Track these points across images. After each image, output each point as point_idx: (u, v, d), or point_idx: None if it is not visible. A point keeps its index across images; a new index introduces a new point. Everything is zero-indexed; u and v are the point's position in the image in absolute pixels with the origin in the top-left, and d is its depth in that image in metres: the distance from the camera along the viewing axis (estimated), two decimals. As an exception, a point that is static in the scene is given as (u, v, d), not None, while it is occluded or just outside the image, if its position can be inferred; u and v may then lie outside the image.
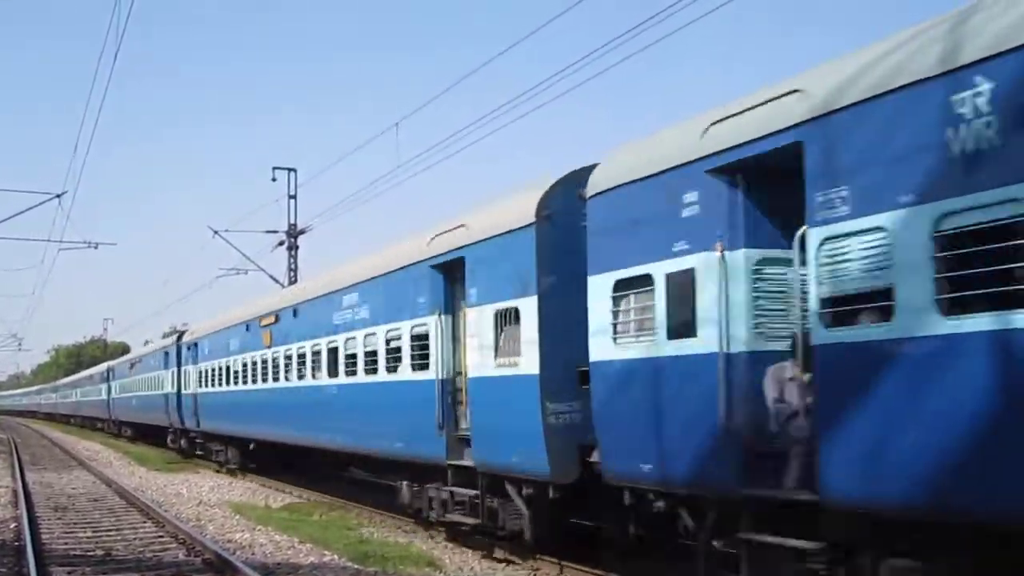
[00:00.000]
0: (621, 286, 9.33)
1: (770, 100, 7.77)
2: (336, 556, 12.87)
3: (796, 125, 7.32)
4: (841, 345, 6.90)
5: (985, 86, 5.94)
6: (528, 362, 10.94)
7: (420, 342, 13.73)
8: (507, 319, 11.48)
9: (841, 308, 6.93)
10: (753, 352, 8.00)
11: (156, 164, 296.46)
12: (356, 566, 12.11)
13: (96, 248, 34.16)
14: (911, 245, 6.31)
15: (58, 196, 26.99)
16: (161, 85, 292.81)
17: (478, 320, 12.02)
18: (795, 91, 7.49)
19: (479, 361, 12.07)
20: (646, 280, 8.92)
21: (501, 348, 11.58)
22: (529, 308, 10.97)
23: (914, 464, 6.38)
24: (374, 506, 18.39)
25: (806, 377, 7.50)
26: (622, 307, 9.41)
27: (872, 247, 6.62)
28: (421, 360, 13.67)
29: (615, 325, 9.45)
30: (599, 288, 9.61)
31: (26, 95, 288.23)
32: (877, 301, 6.62)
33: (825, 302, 7.01)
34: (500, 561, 13.02)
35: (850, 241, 6.78)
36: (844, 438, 6.86)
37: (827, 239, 6.92)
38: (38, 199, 27.35)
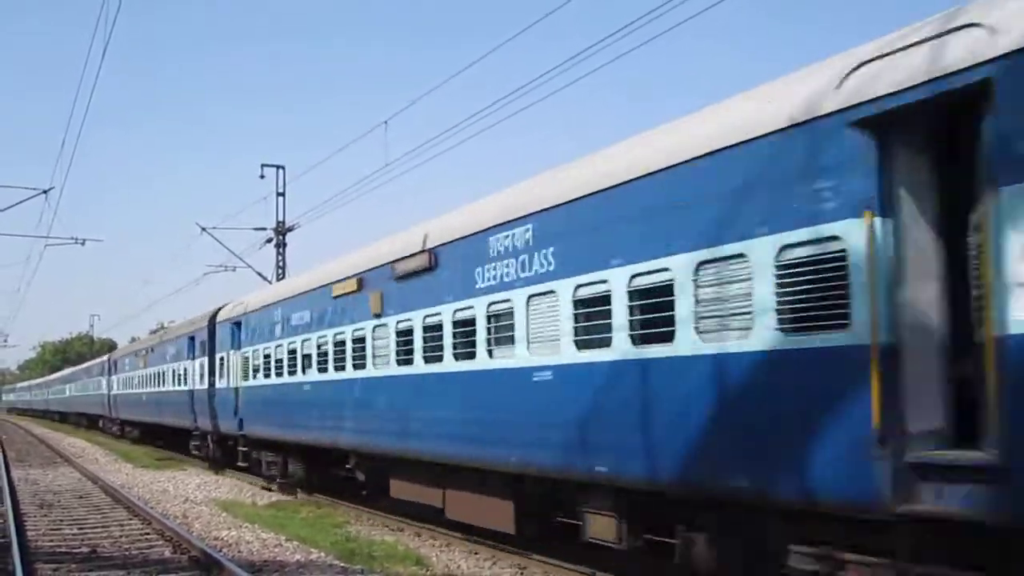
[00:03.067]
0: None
1: None
2: (323, 554, 12.86)
3: None
4: None
5: None
6: None
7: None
8: None
9: None
10: None
11: (144, 160, 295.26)
12: (343, 564, 12.10)
13: (83, 244, 34.15)
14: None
15: (45, 192, 26.93)
16: (149, 81, 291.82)
17: None
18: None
19: None
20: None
21: None
22: None
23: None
24: (361, 504, 18.39)
25: None
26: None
27: None
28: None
29: None
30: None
31: (13, 90, 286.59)
32: None
33: None
34: (488, 559, 13.06)
35: None
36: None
37: None
38: (25, 195, 27.28)
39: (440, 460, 12.97)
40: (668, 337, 8.53)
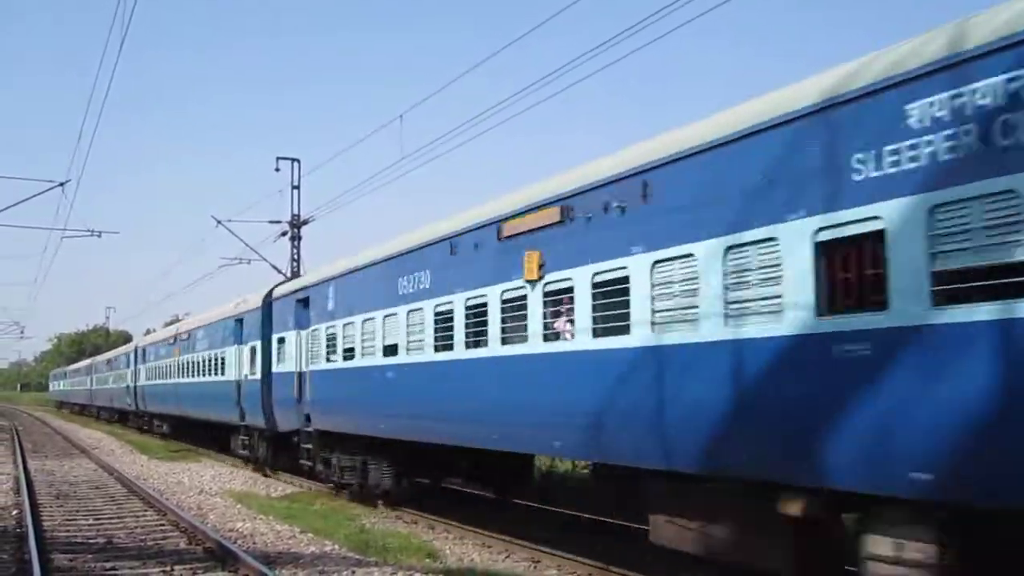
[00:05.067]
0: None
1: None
2: (337, 546, 12.89)
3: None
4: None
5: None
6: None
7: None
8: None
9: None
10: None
11: (160, 152, 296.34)
12: (357, 556, 12.12)
13: (99, 236, 34.16)
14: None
15: (62, 184, 26.97)
16: (165, 75, 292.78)
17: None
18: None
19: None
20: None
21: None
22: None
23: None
24: (373, 499, 18.40)
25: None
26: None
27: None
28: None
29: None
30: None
31: (31, 84, 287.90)
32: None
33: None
34: (501, 552, 13.07)
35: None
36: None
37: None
38: (42, 187, 27.33)
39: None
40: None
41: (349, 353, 17.28)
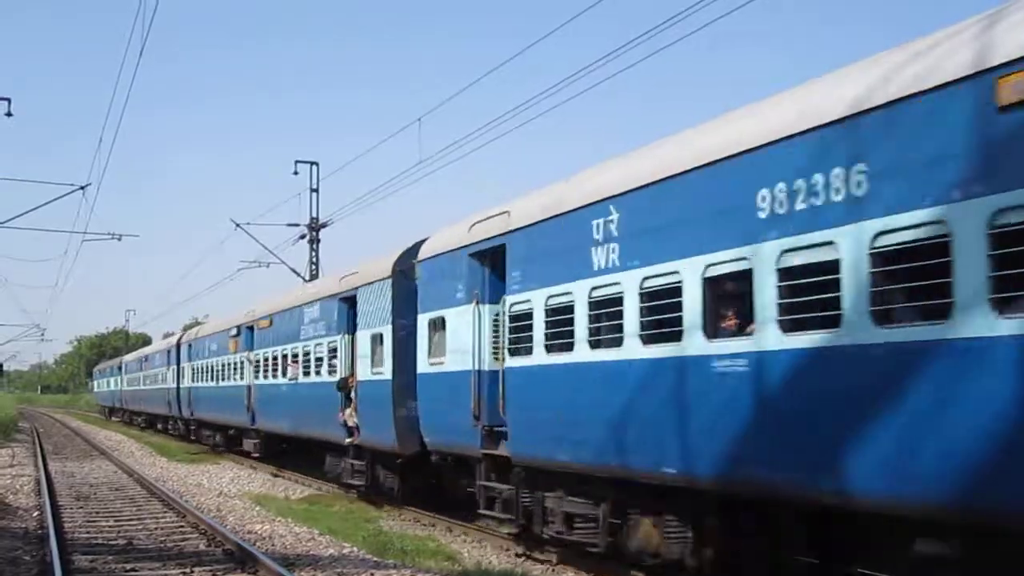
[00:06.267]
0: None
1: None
2: (356, 548, 12.90)
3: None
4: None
5: None
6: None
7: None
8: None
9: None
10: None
11: (177, 155, 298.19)
12: (375, 558, 12.13)
13: (119, 240, 34.48)
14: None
15: (82, 188, 27.24)
16: (182, 77, 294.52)
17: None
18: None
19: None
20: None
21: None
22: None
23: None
24: (390, 501, 18.43)
25: None
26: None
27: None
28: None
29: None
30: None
31: (52, 87, 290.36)
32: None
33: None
34: (519, 555, 13.05)
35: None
36: None
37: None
38: (63, 191, 27.63)
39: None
40: None
41: None
